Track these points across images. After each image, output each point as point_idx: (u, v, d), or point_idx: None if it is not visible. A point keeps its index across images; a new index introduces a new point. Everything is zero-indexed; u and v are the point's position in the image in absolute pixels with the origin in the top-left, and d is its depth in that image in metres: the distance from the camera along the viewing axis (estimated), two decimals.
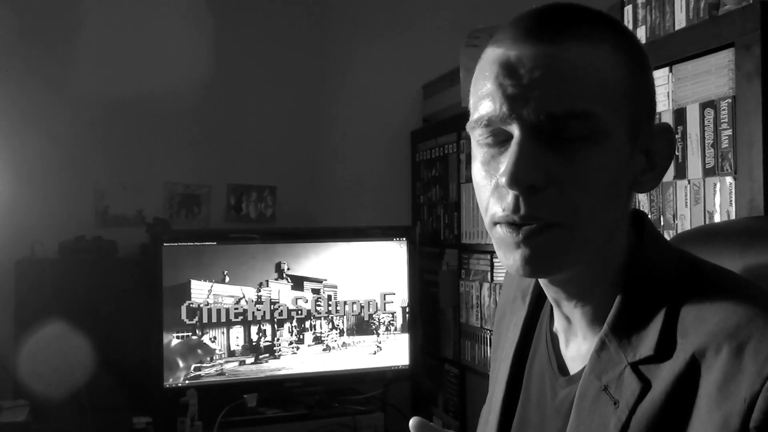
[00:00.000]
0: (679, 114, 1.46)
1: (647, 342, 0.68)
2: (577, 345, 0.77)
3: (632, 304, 0.71)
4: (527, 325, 0.86)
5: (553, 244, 0.67)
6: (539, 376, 0.81)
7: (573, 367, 0.77)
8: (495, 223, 0.70)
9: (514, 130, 0.66)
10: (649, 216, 1.53)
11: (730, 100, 1.33)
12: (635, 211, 0.77)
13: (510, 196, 0.67)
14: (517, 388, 0.84)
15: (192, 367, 2.24)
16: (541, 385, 0.80)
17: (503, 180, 0.66)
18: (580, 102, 0.65)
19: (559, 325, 0.80)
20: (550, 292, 0.77)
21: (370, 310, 2.44)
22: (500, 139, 0.69)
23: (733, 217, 1.31)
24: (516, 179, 0.65)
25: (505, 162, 0.67)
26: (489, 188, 0.70)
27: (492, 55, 0.69)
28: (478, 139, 0.71)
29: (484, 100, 0.69)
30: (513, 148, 0.66)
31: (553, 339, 0.81)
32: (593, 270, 0.72)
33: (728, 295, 0.66)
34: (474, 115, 0.70)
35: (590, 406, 0.69)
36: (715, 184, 1.37)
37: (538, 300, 0.85)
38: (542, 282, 0.78)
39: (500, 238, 0.70)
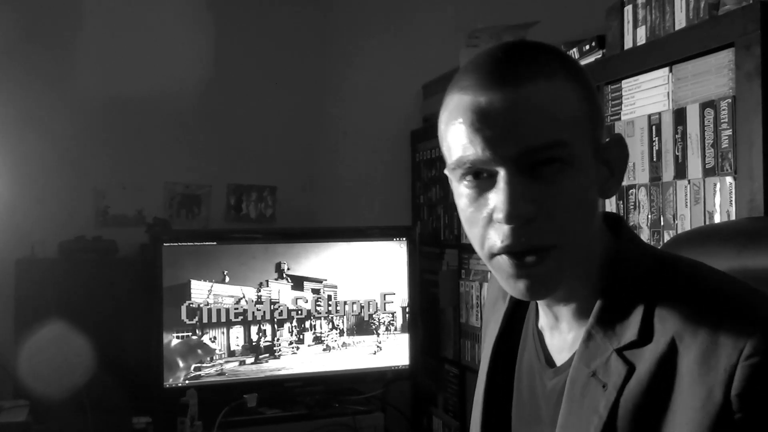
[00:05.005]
0: (679, 114, 1.45)
1: (630, 329, 0.74)
2: (561, 336, 0.83)
3: (614, 298, 0.77)
4: (507, 321, 0.92)
5: (551, 269, 0.74)
6: (529, 372, 0.87)
7: (559, 359, 0.83)
8: (493, 255, 0.75)
9: (499, 169, 0.73)
10: (649, 216, 1.53)
11: (730, 100, 1.33)
12: (611, 215, 0.84)
13: (506, 227, 0.73)
14: (497, 381, 0.91)
15: (192, 367, 2.24)
16: (531, 379, 0.86)
17: (500, 216, 0.72)
18: (550, 133, 0.72)
19: (545, 322, 0.86)
20: (541, 301, 0.83)
21: (370, 310, 2.44)
22: (484, 177, 0.75)
23: (733, 217, 1.31)
24: (512, 216, 0.72)
25: (494, 197, 0.73)
26: (481, 223, 0.75)
27: (461, 102, 0.75)
28: (460, 179, 0.77)
29: (463, 145, 0.74)
30: (503, 187, 0.72)
31: (540, 335, 0.87)
32: (577, 275, 0.78)
33: (701, 284, 0.74)
34: (454, 158, 0.76)
35: (581, 391, 0.75)
36: (715, 184, 1.37)
37: (519, 300, 0.90)
38: None
39: (501, 268, 0.76)
